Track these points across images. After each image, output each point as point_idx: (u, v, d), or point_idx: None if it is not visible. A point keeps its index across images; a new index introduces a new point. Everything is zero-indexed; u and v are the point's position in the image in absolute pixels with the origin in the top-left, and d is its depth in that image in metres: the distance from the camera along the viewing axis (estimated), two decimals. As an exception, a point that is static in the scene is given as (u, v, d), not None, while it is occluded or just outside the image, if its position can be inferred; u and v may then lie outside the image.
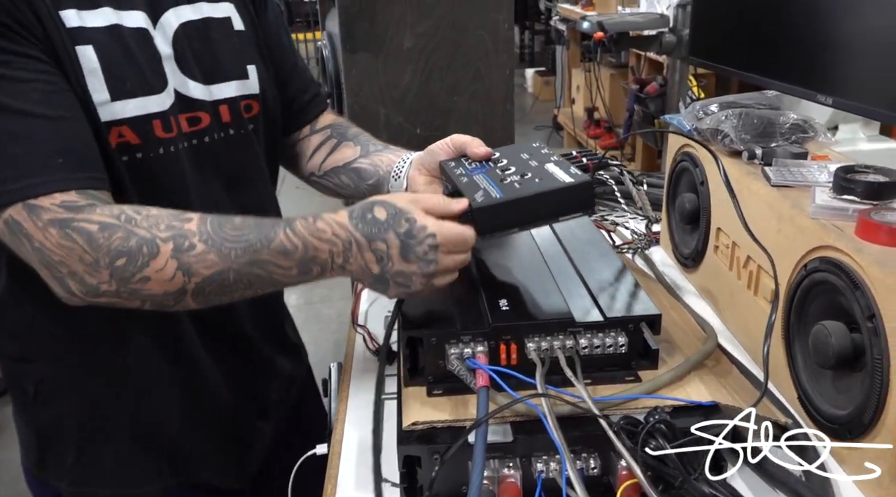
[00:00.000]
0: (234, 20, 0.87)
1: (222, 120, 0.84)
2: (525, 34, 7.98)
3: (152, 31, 0.77)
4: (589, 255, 0.88)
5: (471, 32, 1.59)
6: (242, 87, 0.86)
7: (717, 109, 1.00)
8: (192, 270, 0.66)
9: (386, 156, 0.97)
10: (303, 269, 0.69)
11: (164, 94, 0.77)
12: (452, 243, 0.69)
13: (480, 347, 0.72)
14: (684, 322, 0.91)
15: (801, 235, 0.77)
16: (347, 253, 0.69)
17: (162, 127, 0.77)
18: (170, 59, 0.79)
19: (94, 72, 0.71)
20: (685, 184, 1.12)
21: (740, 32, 1.04)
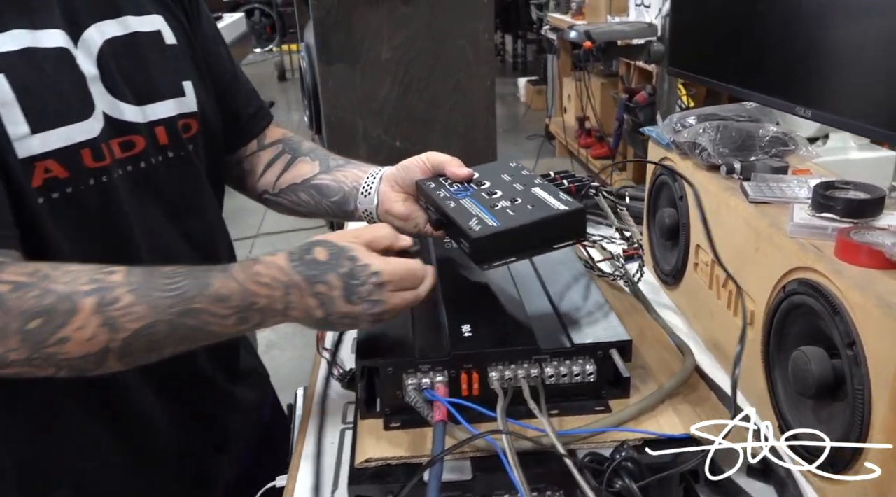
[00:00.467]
0: (164, 34, 0.80)
1: (159, 142, 0.78)
2: (518, 43, 7.98)
3: (74, 51, 0.70)
4: (561, 276, 0.84)
5: (450, 43, 1.56)
6: (179, 105, 0.80)
7: (694, 122, 0.96)
8: (118, 325, 0.59)
9: (350, 171, 0.93)
10: (241, 318, 0.63)
11: (91, 119, 0.70)
12: (400, 280, 0.65)
13: (440, 377, 0.68)
14: (662, 344, 0.87)
15: (779, 255, 0.73)
16: (288, 298, 0.63)
17: (92, 156, 0.70)
18: (96, 81, 0.72)
19: (9, 103, 0.64)
20: (665, 198, 1.08)
21: (718, 42, 1.01)
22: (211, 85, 0.86)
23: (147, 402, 0.80)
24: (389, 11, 1.51)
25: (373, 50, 1.52)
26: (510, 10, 7.99)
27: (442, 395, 0.66)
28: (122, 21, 0.76)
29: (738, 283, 0.84)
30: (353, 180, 0.91)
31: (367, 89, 1.55)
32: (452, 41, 1.56)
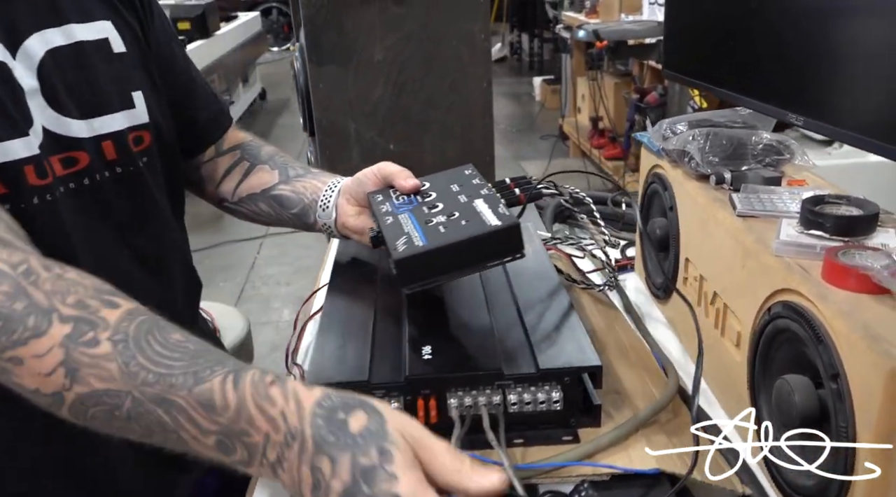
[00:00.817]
0: (112, 42, 0.76)
1: (106, 158, 0.74)
2: (534, 42, 7.90)
3: (11, 63, 0.66)
4: (536, 292, 0.80)
5: (445, 43, 1.51)
6: (129, 117, 0.76)
7: (684, 128, 0.91)
8: (79, 375, 0.48)
9: (309, 182, 0.89)
10: (222, 444, 0.47)
11: (31, 135, 0.66)
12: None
13: (395, 403, 0.64)
14: (645, 365, 0.82)
15: (764, 275, 0.68)
16: (284, 450, 0.46)
17: (35, 173, 0.66)
18: (36, 94, 0.68)
19: None
20: (657, 207, 1.03)
21: (712, 44, 0.95)
22: (165, 91, 0.82)
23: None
24: (381, 11, 1.47)
25: (365, 51, 1.48)
26: (527, 7, 7.92)
27: (395, 422, 0.62)
28: (65, 30, 0.71)
29: (726, 302, 0.79)
30: (313, 192, 0.88)
31: (360, 91, 1.51)
32: (447, 42, 1.51)
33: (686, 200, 0.90)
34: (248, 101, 6.16)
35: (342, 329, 0.73)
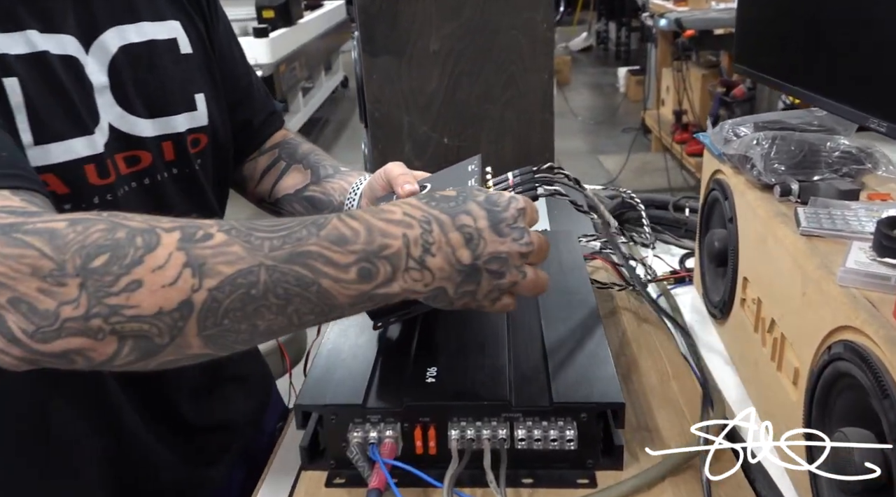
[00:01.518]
0: (180, 42, 0.75)
1: (165, 158, 0.73)
2: (622, 31, 7.64)
3: (84, 59, 0.66)
4: (565, 313, 0.72)
5: (503, 33, 1.43)
6: (190, 119, 0.75)
7: (749, 130, 0.81)
8: (206, 268, 0.45)
9: (338, 183, 0.85)
10: (365, 271, 0.48)
11: (97, 133, 0.65)
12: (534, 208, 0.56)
13: (390, 431, 0.58)
14: (689, 397, 0.73)
15: (826, 307, 0.59)
16: (428, 236, 0.50)
17: (97, 172, 0.65)
18: (105, 90, 0.67)
19: (19, 109, 0.59)
20: (717, 217, 0.93)
21: (785, 37, 0.84)
22: (224, 94, 0.81)
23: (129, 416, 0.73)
24: (438, 0, 1.41)
25: (420, 41, 1.42)
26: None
27: (387, 454, 0.57)
28: (139, 27, 0.71)
29: (784, 332, 0.69)
30: (341, 193, 0.84)
31: (414, 83, 1.45)
32: (506, 32, 1.43)
33: (746, 212, 0.80)
34: (330, 88, 6.24)
35: (348, 343, 0.68)
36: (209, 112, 0.77)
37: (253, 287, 0.46)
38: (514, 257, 0.52)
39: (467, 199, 0.53)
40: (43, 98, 0.61)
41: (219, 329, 0.47)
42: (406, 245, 0.49)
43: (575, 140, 5.11)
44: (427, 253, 0.50)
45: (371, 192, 0.78)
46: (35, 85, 0.61)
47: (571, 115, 5.48)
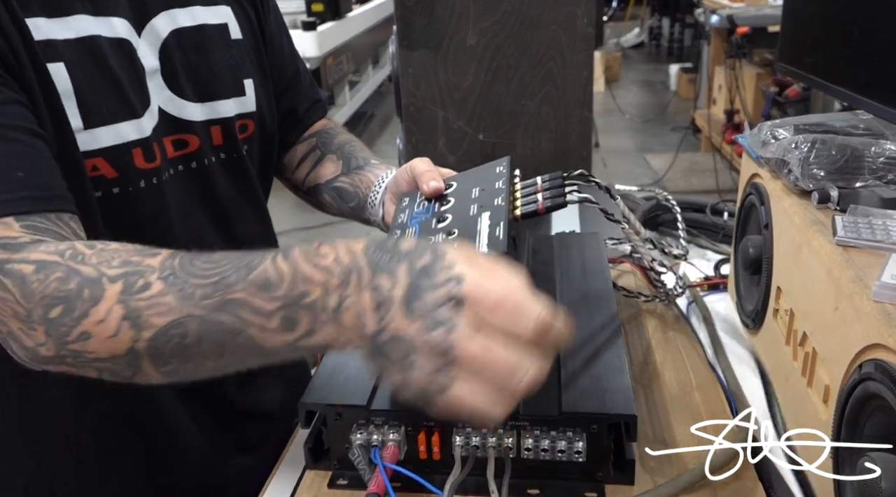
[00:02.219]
0: (230, 27, 0.76)
1: (213, 143, 0.74)
2: (675, 27, 7.47)
3: (136, 42, 0.66)
4: (584, 320, 0.70)
5: (542, 29, 1.40)
6: (238, 105, 0.76)
7: (788, 133, 0.77)
8: (142, 321, 0.47)
9: (366, 175, 0.84)
10: (287, 320, 0.45)
11: (146, 116, 0.66)
12: (492, 306, 0.41)
13: (393, 434, 0.57)
14: (712, 409, 0.70)
15: (858, 322, 0.55)
16: (344, 289, 0.44)
17: (143, 156, 0.66)
18: (156, 74, 0.68)
19: (68, 95, 0.60)
20: (753, 223, 0.89)
21: (832, 36, 0.80)
22: (271, 82, 0.81)
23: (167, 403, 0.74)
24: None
25: (457, 35, 1.40)
26: (669, -11, 7.50)
27: (389, 457, 0.55)
28: (190, 11, 0.71)
29: (815, 347, 0.66)
30: (367, 186, 0.83)
31: (450, 77, 1.44)
32: (545, 26, 1.40)
33: (782, 219, 0.76)
34: (378, 82, 6.26)
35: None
36: (257, 98, 0.77)
37: (185, 337, 0.47)
38: (419, 348, 0.41)
39: (402, 261, 0.43)
40: (92, 82, 0.62)
41: (172, 368, 0.49)
42: (324, 294, 0.44)
43: (622, 138, 5.02)
44: (340, 307, 0.44)
45: (396, 186, 0.77)
46: (84, 69, 0.61)
47: (619, 112, 5.39)
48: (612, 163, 4.49)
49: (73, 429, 0.72)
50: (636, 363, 0.77)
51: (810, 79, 0.85)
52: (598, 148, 4.71)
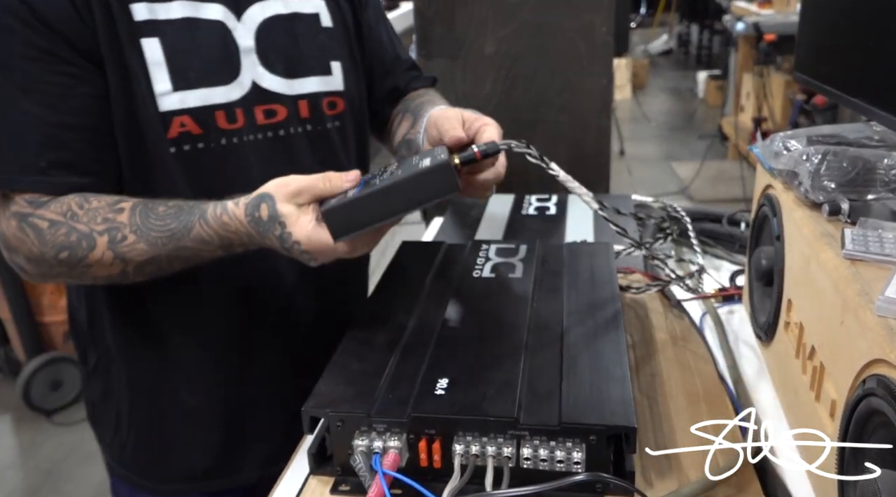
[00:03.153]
0: (322, 17, 0.86)
1: (301, 115, 0.83)
2: (704, 33, 7.40)
3: (232, 24, 0.78)
4: (589, 329, 0.70)
5: (561, 37, 1.41)
6: (325, 83, 0.85)
7: (800, 144, 0.76)
8: (128, 258, 0.70)
9: (420, 121, 0.89)
10: (227, 250, 0.70)
11: (233, 85, 0.77)
12: (317, 251, 0.66)
13: (395, 441, 0.58)
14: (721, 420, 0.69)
15: (862, 337, 0.54)
16: (253, 240, 0.69)
17: (226, 118, 0.77)
18: (250, 52, 0.79)
19: (159, 63, 0.73)
20: (766, 234, 0.88)
21: (847, 46, 0.79)
22: (366, 66, 0.93)
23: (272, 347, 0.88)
24: (495, 2, 1.39)
25: (475, 44, 1.41)
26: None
27: (390, 464, 0.56)
28: (286, 2, 0.82)
29: (823, 361, 0.65)
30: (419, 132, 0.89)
31: (469, 86, 1.44)
32: (563, 35, 1.40)
33: (793, 231, 0.75)
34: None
35: (364, 349, 0.68)
36: (345, 79, 0.87)
37: (158, 264, 0.71)
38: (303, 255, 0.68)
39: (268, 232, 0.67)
40: (185, 53, 0.74)
41: (149, 276, 0.73)
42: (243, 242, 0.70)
43: (648, 145, 4.98)
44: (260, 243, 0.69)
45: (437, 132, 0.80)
46: (179, 42, 0.74)
47: (645, 119, 5.35)
48: (638, 170, 4.46)
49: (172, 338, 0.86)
50: (643, 374, 0.76)
51: (825, 89, 0.84)
52: (624, 155, 4.69)
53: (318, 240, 0.65)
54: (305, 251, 0.66)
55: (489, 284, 0.80)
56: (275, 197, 0.66)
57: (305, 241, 0.65)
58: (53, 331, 2.40)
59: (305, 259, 0.68)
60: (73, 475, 2.12)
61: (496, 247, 0.89)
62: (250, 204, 0.67)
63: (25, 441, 2.30)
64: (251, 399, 0.88)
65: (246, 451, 0.89)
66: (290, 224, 0.65)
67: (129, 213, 0.70)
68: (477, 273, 0.82)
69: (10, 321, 2.38)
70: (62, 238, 0.70)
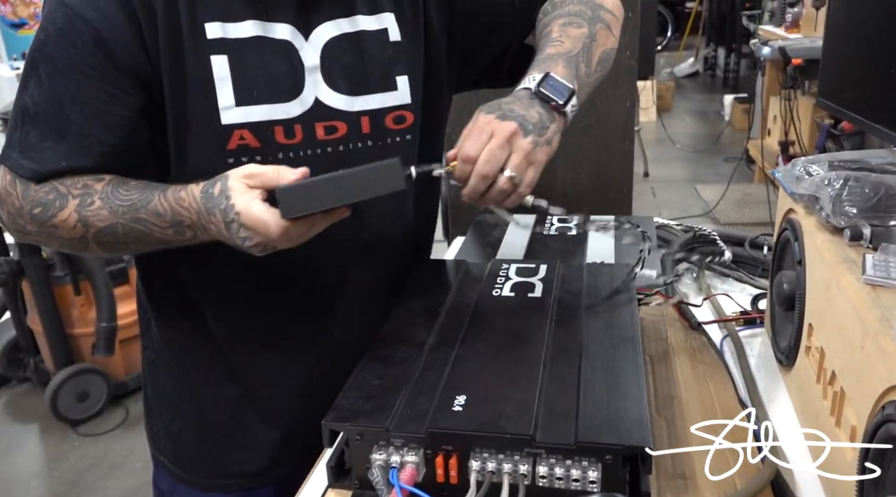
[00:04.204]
0: (390, 31, 0.85)
1: (362, 131, 0.84)
2: (731, 57, 7.38)
3: (299, 44, 0.80)
4: (607, 349, 0.70)
5: (585, 60, 1.41)
6: (389, 98, 0.85)
7: (822, 169, 0.77)
8: (89, 223, 0.73)
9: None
10: (178, 231, 0.72)
11: (294, 102, 0.79)
12: (252, 226, 0.68)
13: (412, 456, 0.58)
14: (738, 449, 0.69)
15: (882, 363, 0.54)
16: (200, 221, 0.71)
17: (283, 133, 0.79)
18: (315, 71, 0.80)
19: (224, 79, 0.76)
20: (788, 258, 0.88)
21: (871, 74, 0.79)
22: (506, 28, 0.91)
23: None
24: (520, 26, 1.41)
25: (500, 66, 1.43)
26: (725, 20, 7.41)
27: (407, 479, 0.57)
28: (352, 20, 0.83)
29: (843, 386, 0.65)
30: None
31: (493, 108, 1.46)
32: (587, 58, 1.42)
33: (814, 255, 0.75)
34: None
35: (385, 364, 0.69)
36: (412, 92, 0.86)
37: (115, 235, 0.74)
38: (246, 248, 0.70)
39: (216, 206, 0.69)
40: (251, 71, 0.77)
41: (106, 247, 0.76)
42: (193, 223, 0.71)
43: (672, 168, 4.96)
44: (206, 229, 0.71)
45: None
46: (243, 61, 0.77)
47: (670, 142, 5.33)
48: (662, 193, 4.44)
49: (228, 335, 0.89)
50: (661, 396, 0.76)
51: (849, 115, 0.85)
52: (648, 177, 4.67)
53: (256, 213, 0.67)
54: (243, 224, 0.68)
55: (508, 303, 0.81)
56: (229, 175, 0.69)
57: (244, 213, 0.67)
58: (82, 343, 2.45)
59: (243, 238, 0.69)
60: (97, 486, 2.14)
61: (516, 266, 0.90)
62: (208, 182, 0.71)
63: (51, 451, 2.34)
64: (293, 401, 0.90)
65: (289, 449, 0.91)
66: (235, 197, 0.68)
67: (106, 183, 0.74)
68: (496, 292, 0.83)
69: (40, 333, 2.44)
70: (42, 195, 0.74)
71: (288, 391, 0.89)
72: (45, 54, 0.74)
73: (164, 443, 0.95)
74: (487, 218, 1.31)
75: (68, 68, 0.73)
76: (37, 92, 0.75)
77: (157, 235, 0.73)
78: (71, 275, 2.37)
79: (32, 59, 0.76)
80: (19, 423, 2.49)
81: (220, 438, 0.91)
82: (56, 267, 2.38)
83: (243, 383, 0.89)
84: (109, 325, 2.34)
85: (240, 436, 0.91)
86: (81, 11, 0.72)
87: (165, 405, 0.94)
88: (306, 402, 0.89)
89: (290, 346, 0.88)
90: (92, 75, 0.73)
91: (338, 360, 0.87)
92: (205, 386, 0.91)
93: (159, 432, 0.95)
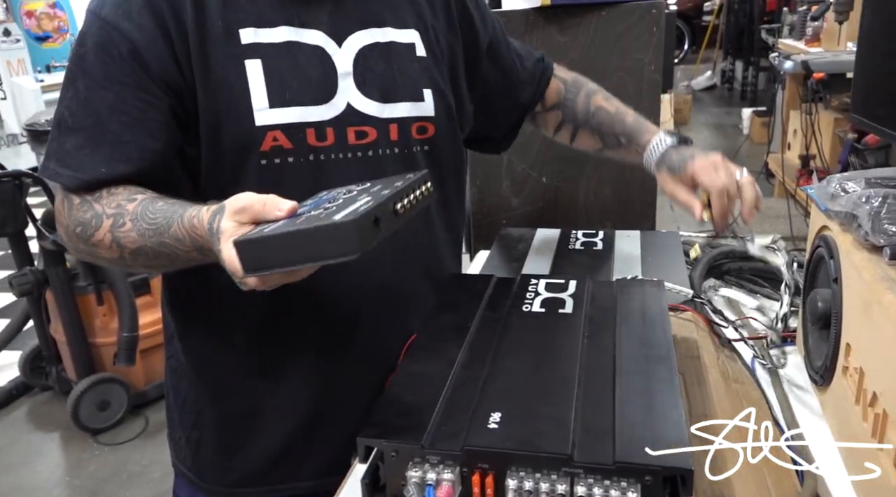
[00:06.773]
0: (417, 47, 0.89)
1: (390, 137, 0.86)
2: (749, 70, 7.36)
3: (332, 50, 0.83)
4: (641, 366, 0.69)
5: (610, 75, 1.42)
6: (416, 108, 0.88)
7: (858, 187, 0.76)
8: (122, 244, 0.75)
9: (633, 148, 1.03)
10: (201, 252, 0.72)
11: (327, 105, 0.81)
12: (233, 271, 0.66)
13: (448, 474, 0.58)
14: (775, 467, 0.68)
15: (928, 385, 0.53)
16: (213, 246, 0.70)
17: (315, 136, 0.81)
18: (347, 76, 0.83)
19: (258, 82, 0.78)
20: (822, 276, 0.87)
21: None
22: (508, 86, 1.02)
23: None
24: (544, 41, 1.41)
25: (525, 81, 1.43)
26: (743, 34, 7.40)
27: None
28: (384, 31, 0.87)
29: (886, 408, 0.64)
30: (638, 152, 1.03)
31: (517, 122, 1.46)
32: (613, 73, 1.41)
33: (852, 274, 0.74)
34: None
35: (418, 379, 0.69)
36: (436, 106, 0.90)
37: (148, 254, 0.75)
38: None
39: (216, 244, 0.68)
40: (281, 74, 0.79)
41: (142, 265, 0.78)
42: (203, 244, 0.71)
43: (691, 181, 4.92)
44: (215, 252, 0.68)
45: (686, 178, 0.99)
46: (279, 64, 0.79)
47: (689, 155, 5.30)
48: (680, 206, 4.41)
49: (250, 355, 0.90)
50: (695, 415, 0.75)
51: (882, 130, 0.84)
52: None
53: (231, 265, 0.64)
54: (228, 268, 0.66)
55: (539, 319, 0.80)
56: (225, 210, 0.67)
57: (227, 261, 0.65)
58: (104, 352, 2.47)
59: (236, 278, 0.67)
60: (116, 495, 2.15)
61: (545, 282, 0.89)
62: (212, 212, 0.69)
63: (72, 459, 2.35)
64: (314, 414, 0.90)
65: (306, 459, 0.91)
66: (222, 241, 0.65)
67: (138, 203, 0.75)
68: (527, 307, 0.82)
69: (63, 342, 2.46)
70: (81, 214, 0.77)
71: (309, 403, 0.89)
72: (83, 68, 0.77)
73: (184, 451, 0.96)
74: (512, 231, 1.31)
75: (106, 79, 0.76)
76: (73, 103, 0.77)
77: (185, 258, 0.74)
78: (94, 285, 2.39)
79: (71, 73, 0.78)
80: (41, 432, 2.51)
81: (238, 449, 0.91)
82: (79, 277, 2.40)
83: (264, 394, 0.89)
84: (131, 334, 2.36)
85: (258, 446, 0.91)
86: (116, 23, 0.75)
87: (186, 414, 0.95)
88: (327, 415, 0.90)
89: (312, 360, 0.88)
90: (129, 84, 0.76)
91: (361, 373, 0.88)
92: (224, 397, 0.91)
93: (180, 440, 0.96)
